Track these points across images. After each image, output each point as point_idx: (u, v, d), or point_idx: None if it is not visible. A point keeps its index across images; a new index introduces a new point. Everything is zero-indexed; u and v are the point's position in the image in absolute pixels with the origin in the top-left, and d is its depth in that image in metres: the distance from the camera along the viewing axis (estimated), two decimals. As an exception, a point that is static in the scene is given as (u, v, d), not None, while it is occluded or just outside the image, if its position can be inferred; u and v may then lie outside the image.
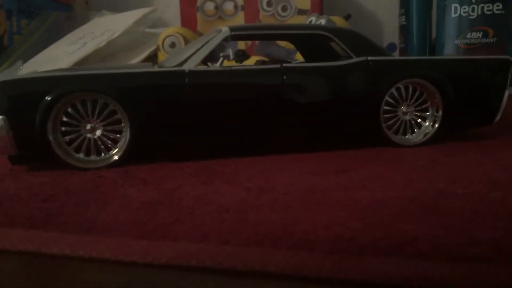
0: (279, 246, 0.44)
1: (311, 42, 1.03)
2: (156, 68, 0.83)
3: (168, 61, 0.88)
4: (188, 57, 0.83)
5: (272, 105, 0.84)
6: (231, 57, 0.81)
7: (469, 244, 0.43)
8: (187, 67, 0.81)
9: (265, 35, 0.95)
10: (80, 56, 1.65)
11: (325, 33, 0.89)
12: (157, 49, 1.76)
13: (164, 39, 1.73)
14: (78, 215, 0.55)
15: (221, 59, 0.82)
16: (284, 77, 0.83)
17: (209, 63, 0.88)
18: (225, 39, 0.86)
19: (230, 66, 0.83)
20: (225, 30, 0.86)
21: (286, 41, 1.20)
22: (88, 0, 2.29)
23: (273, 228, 0.49)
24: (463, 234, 0.46)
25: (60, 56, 1.71)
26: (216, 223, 0.51)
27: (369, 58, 0.88)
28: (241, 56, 1.42)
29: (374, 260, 0.40)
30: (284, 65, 0.85)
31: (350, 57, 0.88)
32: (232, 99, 0.83)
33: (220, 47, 0.87)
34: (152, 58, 1.78)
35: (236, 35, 0.86)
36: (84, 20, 2.08)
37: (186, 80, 0.80)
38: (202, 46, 0.85)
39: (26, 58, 1.82)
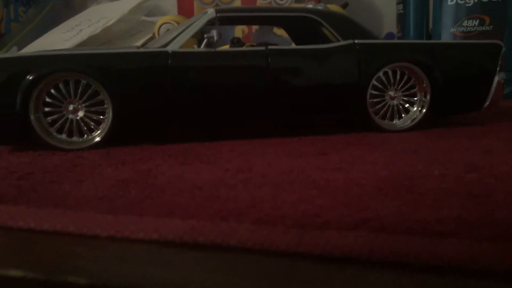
0: (244, 221, 0.44)
1: (301, 26, 1.03)
2: (139, 49, 0.83)
3: (153, 43, 0.88)
4: (172, 39, 0.82)
5: (257, 87, 0.83)
6: (215, 37, 0.80)
7: (434, 220, 0.43)
8: (170, 48, 0.81)
9: (252, 18, 0.94)
10: (75, 43, 1.65)
11: (312, 16, 0.88)
12: (153, 37, 1.76)
13: (160, 27, 1.73)
14: (50, 191, 0.55)
15: (205, 40, 0.81)
16: (269, 59, 0.83)
17: (195, 46, 0.88)
18: (211, 21, 0.85)
19: (214, 48, 0.82)
20: (210, 11, 0.86)
21: (275, 25, 1.19)
22: (86, -12, 2.28)
23: (241, 205, 0.48)
24: (430, 211, 0.45)
25: (55, 43, 1.71)
26: (186, 200, 0.50)
27: (356, 42, 0.87)
28: (236, 43, 1.41)
29: (334, 234, 0.40)
30: (269, 47, 0.84)
31: (338, 40, 0.87)
32: (215, 81, 0.82)
33: (207, 29, 0.86)
34: (149, 46, 1.77)
35: (222, 16, 0.85)
36: (82, 7, 2.08)
37: (169, 61, 0.79)
38: (187, 28, 0.84)
39: (23, 45, 1.82)
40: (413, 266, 0.35)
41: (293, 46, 0.93)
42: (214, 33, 0.80)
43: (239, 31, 1.86)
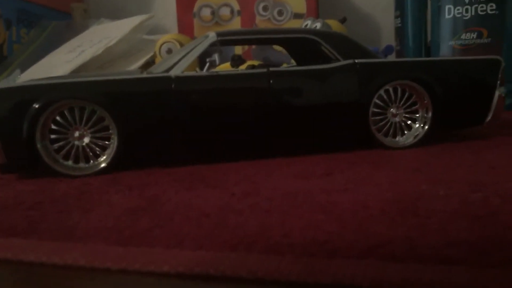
0: (253, 250, 0.44)
1: (302, 46, 1.04)
2: (142, 74, 0.84)
3: (156, 68, 0.89)
4: (175, 63, 0.84)
5: (260, 109, 0.84)
6: (217, 62, 0.81)
7: (444, 245, 0.43)
8: (173, 73, 0.82)
9: (253, 40, 0.95)
10: (77, 64, 1.66)
11: (312, 37, 0.89)
12: (154, 56, 1.78)
13: (161, 46, 1.74)
14: (59, 222, 0.55)
15: (207, 64, 0.82)
16: (271, 81, 0.84)
17: (197, 69, 0.89)
18: (212, 44, 0.86)
19: (216, 71, 0.83)
20: (211, 35, 0.87)
21: (276, 45, 1.20)
22: (87, 9, 2.31)
23: (249, 233, 0.49)
24: (439, 235, 0.46)
25: (58, 64, 1.72)
26: (194, 228, 0.51)
27: (356, 61, 0.88)
28: (237, 60, 1.42)
29: (344, 263, 0.40)
30: (271, 69, 0.85)
31: (338, 60, 0.88)
32: (219, 104, 0.83)
33: (208, 53, 0.87)
34: (150, 64, 1.79)
35: (223, 40, 0.87)
36: (83, 28, 2.10)
37: (173, 85, 0.80)
38: (189, 52, 0.85)
39: (25, 67, 1.84)
40: (424, 295, 0.36)
41: (294, 67, 0.94)
42: (216, 56, 0.81)
43: (239, 47, 1.87)
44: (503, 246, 0.42)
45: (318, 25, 1.56)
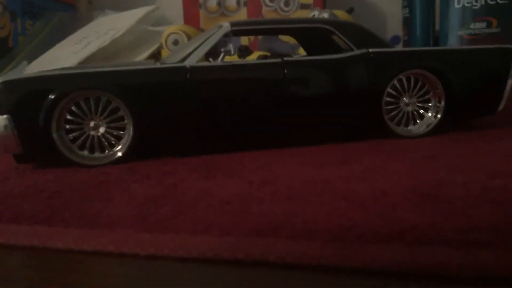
0: (280, 236, 0.45)
1: (313, 36, 1.04)
2: (157, 65, 0.84)
3: (170, 58, 0.89)
4: (189, 53, 0.84)
5: (274, 99, 0.84)
6: (232, 52, 0.82)
7: (469, 230, 0.43)
8: (188, 63, 0.82)
9: (267, 30, 0.95)
10: (84, 55, 1.66)
11: (326, 27, 0.89)
12: (160, 47, 1.77)
13: (167, 37, 1.74)
14: (82, 210, 0.56)
15: (222, 54, 0.82)
16: (285, 71, 0.84)
17: (210, 59, 0.89)
18: (226, 35, 0.86)
19: (231, 61, 0.84)
20: (226, 25, 0.87)
21: (288, 35, 1.20)
22: (92, 0, 2.30)
23: (274, 219, 0.49)
24: (463, 220, 0.46)
25: (64, 56, 1.72)
26: (218, 215, 0.51)
27: (370, 50, 0.88)
28: (244, 51, 1.42)
29: (373, 247, 0.41)
30: (285, 59, 0.85)
31: (352, 50, 0.88)
32: (234, 94, 0.83)
33: (223, 42, 0.87)
34: (156, 55, 1.79)
35: (237, 30, 0.86)
36: (88, 20, 2.09)
37: (188, 75, 0.80)
38: (203, 42, 0.85)
39: (31, 58, 1.84)
40: (455, 278, 0.36)
41: (308, 57, 0.94)
42: (230, 46, 0.81)
43: (245, 37, 1.87)
44: (528, 230, 0.43)
45: (325, 15, 1.56)
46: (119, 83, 0.78)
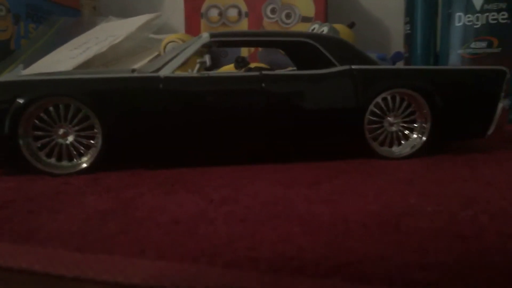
0: (216, 263, 0.42)
1: (300, 50, 1.01)
2: (131, 74, 0.81)
3: (147, 67, 0.87)
4: (165, 63, 0.81)
5: (250, 113, 0.81)
6: (208, 63, 0.79)
7: (418, 267, 0.40)
8: (162, 73, 0.79)
9: (247, 42, 0.93)
10: (81, 61, 1.66)
11: (308, 41, 0.86)
12: (159, 55, 1.76)
13: (165, 45, 1.72)
14: (25, 223, 0.53)
15: (197, 65, 0.80)
16: (263, 84, 0.81)
17: (189, 70, 0.86)
18: (205, 45, 0.84)
19: (207, 73, 0.81)
20: (204, 36, 0.84)
21: (273, 47, 1.17)
22: (96, 6, 2.31)
23: (217, 243, 0.46)
24: (415, 255, 0.42)
25: (62, 60, 1.72)
26: (160, 236, 0.48)
27: (353, 67, 0.85)
28: (241, 62, 1.39)
29: (308, 282, 0.37)
30: (263, 72, 0.82)
31: (334, 65, 0.85)
32: (208, 106, 0.80)
33: (213, 53, 0.85)
34: (154, 63, 1.77)
35: (216, 41, 0.84)
36: (91, 25, 2.09)
37: (161, 86, 0.78)
38: (180, 52, 0.83)
39: (31, 62, 1.84)
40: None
41: (288, 71, 0.91)
42: (206, 57, 0.79)
43: (245, 49, 1.85)
44: (481, 269, 0.39)
45: (325, 29, 1.53)
46: (88, 91, 0.76)
